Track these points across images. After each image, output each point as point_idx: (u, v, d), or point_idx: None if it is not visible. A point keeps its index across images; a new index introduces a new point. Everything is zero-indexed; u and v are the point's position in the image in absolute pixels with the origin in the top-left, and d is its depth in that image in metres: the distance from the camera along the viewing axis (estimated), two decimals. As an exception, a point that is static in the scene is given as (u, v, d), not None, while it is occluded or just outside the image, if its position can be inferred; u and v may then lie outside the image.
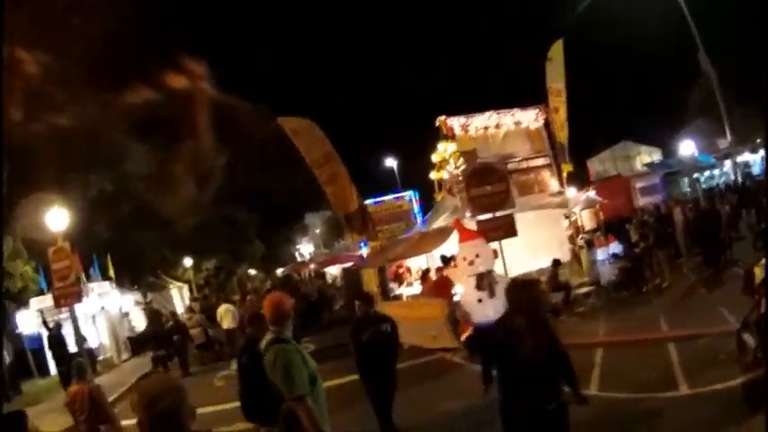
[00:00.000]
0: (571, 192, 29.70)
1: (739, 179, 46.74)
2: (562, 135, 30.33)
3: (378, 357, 12.91)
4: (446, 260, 25.46)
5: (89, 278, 40.71)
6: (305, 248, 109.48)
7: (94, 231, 50.56)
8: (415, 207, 46.87)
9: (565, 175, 30.69)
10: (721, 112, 43.44)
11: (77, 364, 14.18)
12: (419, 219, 44.83)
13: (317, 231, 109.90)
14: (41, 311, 31.12)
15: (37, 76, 42.60)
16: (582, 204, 30.93)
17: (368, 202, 42.92)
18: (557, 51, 30.63)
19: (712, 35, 44.81)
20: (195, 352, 32.37)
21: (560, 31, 31.24)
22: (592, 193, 32.49)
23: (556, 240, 29.33)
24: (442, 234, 26.17)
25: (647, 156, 68.06)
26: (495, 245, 22.58)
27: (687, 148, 58.29)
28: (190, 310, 37.58)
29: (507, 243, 23.69)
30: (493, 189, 23.94)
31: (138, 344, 38.89)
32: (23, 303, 36.12)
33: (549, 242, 28.75)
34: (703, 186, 52.61)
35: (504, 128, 29.98)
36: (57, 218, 24.45)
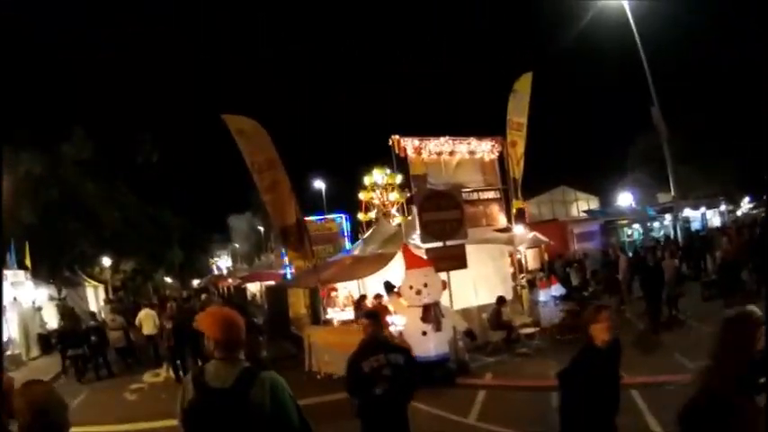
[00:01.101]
0: (518, 229, 28.62)
1: (679, 233, 47.14)
2: (517, 170, 29.54)
3: (381, 397, 9.69)
4: (391, 287, 23.85)
5: (3, 264, 38.77)
6: (222, 262, 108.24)
7: (16, 215, 48.11)
8: (345, 230, 45.55)
9: (514, 211, 29.70)
10: (667, 166, 43.86)
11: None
12: (347, 242, 43.63)
13: (237, 246, 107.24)
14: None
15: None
16: (527, 243, 29.96)
17: None
18: (524, 85, 29.80)
19: (666, 90, 44.88)
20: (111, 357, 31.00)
21: (523, 64, 30.20)
22: (537, 234, 31.53)
23: (499, 277, 28.37)
24: (381, 259, 24.82)
25: (584, 203, 68.21)
26: (443, 275, 21.67)
27: (625, 199, 59.00)
28: (111, 311, 36.26)
29: (451, 275, 22.51)
30: (447, 216, 23.04)
31: (48, 341, 37.18)
32: None
33: (491, 278, 27.78)
34: (642, 238, 54.38)
35: (458, 155, 28.64)
36: None
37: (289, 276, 39.76)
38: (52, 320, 40.79)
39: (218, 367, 5.81)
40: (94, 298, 58.45)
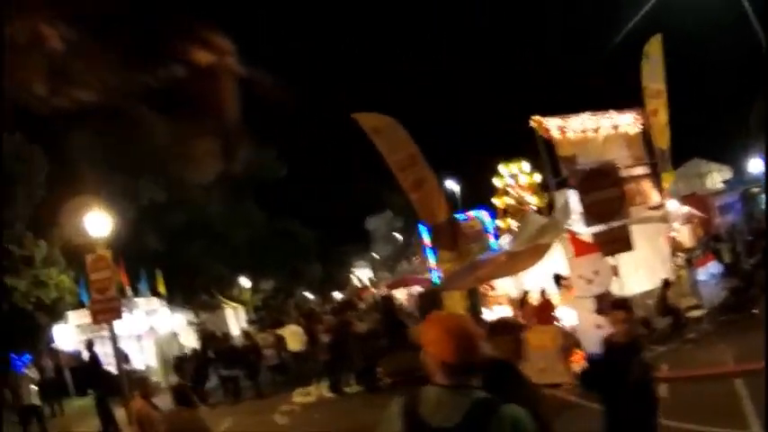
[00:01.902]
0: (672, 204, 26.39)
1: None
2: (663, 140, 27.40)
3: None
4: (559, 279, 21.92)
5: (136, 293, 38.27)
6: (362, 273, 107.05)
7: (144, 243, 48.40)
8: (490, 227, 43.39)
9: (667, 185, 27.52)
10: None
11: (139, 380, 13.58)
12: (493, 239, 41.42)
13: (376, 256, 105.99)
14: (90, 342, 27.73)
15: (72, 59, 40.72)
16: (681, 219, 27.66)
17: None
18: (655, 48, 27.54)
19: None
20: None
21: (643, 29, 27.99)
22: (692, 208, 29.24)
23: (658, 258, 26.09)
24: (538, 251, 22.63)
25: (717, 174, 65.13)
26: (610, 261, 19.88)
27: (756, 165, 55.58)
28: (244, 334, 36.41)
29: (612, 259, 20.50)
30: (607, 195, 20.82)
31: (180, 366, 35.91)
32: (58, 316, 33.84)
33: (650, 260, 25.53)
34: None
35: (603, 132, 26.84)
36: (97, 222, 21.06)
37: (437, 280, 37.99)
38: (193, 345, 39.86)
39: (441, 397, 4.10)
40: (235, 319, 57.79)
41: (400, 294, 53.51)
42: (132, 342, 32.91)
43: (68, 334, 33.21)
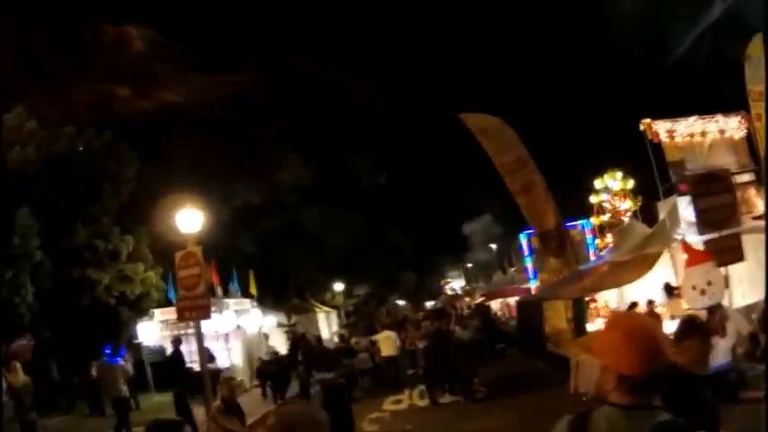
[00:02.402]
0: None
1: None
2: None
3: None
4: (671, 289, 20.68)
5: (227, 293, 38.06)
6: (455, 283, 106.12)
7: (237, 245, 48.49)
8: (588, 237, 42.01)
9: (772, 194, 26.07)
10: None
11: (222, 380, 13.92)
12: (591, 250, 40.07)
13: (470, 266, 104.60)
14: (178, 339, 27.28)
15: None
16: None
17: (527, 231, 39.71)
18: (757, 48, 25.01)
19: None
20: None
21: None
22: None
23: (760, 270, 24.62)
24: (646, 261, 21.42)
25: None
26: (722, 271, 18.44)
27: None
28: (340, 337, 35.65)
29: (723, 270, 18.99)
30: (720, 201, 19.82)
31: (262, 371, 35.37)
32: (142, 312, 33.54)
33: (753, 272, 24.02)
34: None
35: (710, 136, 25.43)
36: (189, 219, 20.23)
37: (533, 291, 36.90)
38: (281, 347, 39.39)
39: (615, 419, 3.37)
40: (326, 324, 57.62)
41: (494, 304, 53.13)
42: (219, 341, 32.57)
43: (153, 330, 32.92)
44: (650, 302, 21.51)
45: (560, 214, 24.30)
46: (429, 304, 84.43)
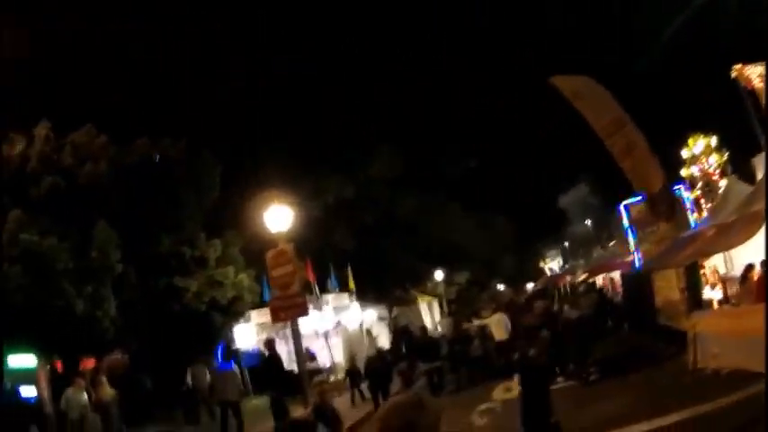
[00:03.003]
0: None
1: None
2: None
3: None
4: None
5: (325, 290, 37.66)
6: (554, 263, 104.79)
7: (332, 241, 47.92)
8: (687, 204, 40.58)
9: None
10: None
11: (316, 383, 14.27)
12: (690, 217, 38.71)
13: (567, 245, 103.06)
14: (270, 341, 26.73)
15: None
16: None
17: (631, 201, 38.53)
18: None
19: None
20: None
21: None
22: None
23: None
24: (753, 220, 20.11)
25: None
26: None
27: None
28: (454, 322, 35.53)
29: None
30: None
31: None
32: (235, 315, 33.49)
33: None
34: None
35: None
36: (278, 216, 19.73)
37: (638, 263, 35.67)
38: (384, 341, 38.84)
39: None
40: (429, 313, 56.89)
41: (598, 280, 52.33)
42: (319, 339, 32.19)
43: (249, 333, 32.57)
44: (764, 262, 19.98)
45: (666, 176, 22.99)
46: (530, 286, 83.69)
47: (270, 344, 24.34)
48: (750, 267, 21.10)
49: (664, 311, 26.40)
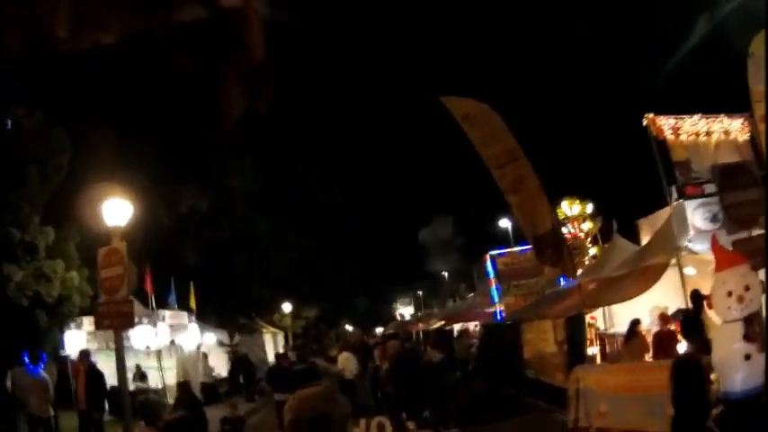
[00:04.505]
0: None
1: None
2: None
3: None
4: (700, 298, 17.45)
5: (163, 305, 34.74)
6: (405, 310, 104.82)
7: (179, 254, 45.22)
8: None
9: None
10: None
11: (143, 404, 13.97)
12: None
13: (420, 293, 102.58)
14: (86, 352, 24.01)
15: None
16: None
17: (498, 252, 39.78)
18: (760, 45, 23.21)
19: None
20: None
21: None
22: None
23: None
24: (649, 274, 19.07)
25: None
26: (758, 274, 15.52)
27: None
28: (284, 356, 31.74)
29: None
30: (748, 197, 17.65)
31: (214, 391, 32.79)
32: (62, 318, 29.66)
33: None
34: None
35: (715, 136, 23.65)
36: (116, 210, 17.28)
37: (499, 316, 35.40)
38: (221, 368, 36.74)
39: None
40: (272, 345, 55.22)
41: (455, 329, 51.29)
42: (151, 358, 29.51)
43: (81, 340, 29.57)
44: (664, 316, 18.67)
45: (556, 217, 21.38)
46: (379, 330, 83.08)
47: (84, 355, 22.29)
48: (637, 322, 19.53)
49: (533, 364, 25.28)
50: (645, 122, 22.01)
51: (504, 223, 56.87)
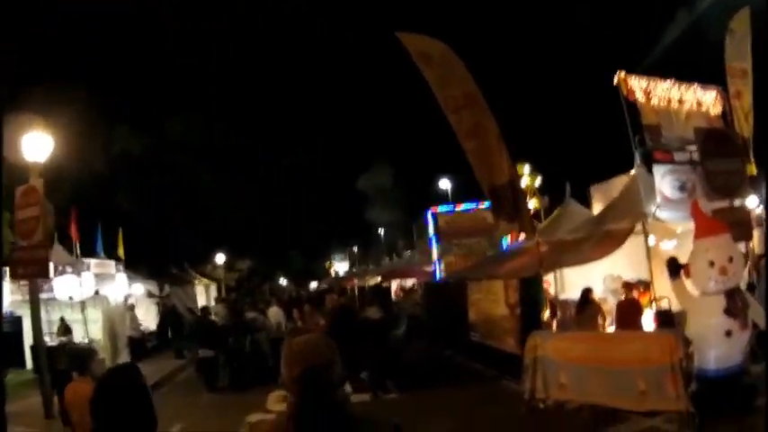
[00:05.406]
0: (752, 201, 21.51)
1: None
2: (746, 127, 23.04)
3: None
4: (677, 267, 16.02)
5: (89, 253, 33.23)
6: (340, 266, 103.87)
7: (109, 200, 43.41)
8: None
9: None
10: None
11: (70, 352, 12.88)
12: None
13: (355, 249, 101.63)
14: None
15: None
16: (757, 221, 22.95)
17: (440, 209, 38.18)
18: (741, 23, 23.72)
19: None
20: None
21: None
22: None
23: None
24: (612, 239, 17.69)
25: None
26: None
27: None
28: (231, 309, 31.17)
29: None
30: (731, 166, 17.39)
31: (141, 345, 31.38)
32: None
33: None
34: None
35: (687, 105, 21.84)
36: (35, 144, 16.43)
37: (438, 275, 34.52)
38: (150, 321, 35.89)
39: None
40: (205, 297, 53.76)
41: (392, 287, 50.69)
42: (75, 311, 28.06)
43: (4, 292, 27.92)
44: (627, 285, 17.73)
45: (514, 167, 20.10)
46: (313, 285, 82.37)
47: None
48: (589, 290, 18.62)
49: (479, 327, 23.95)
50: (616, 81, 20.84)
51: (445, 184, 56.04)
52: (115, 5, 45.08)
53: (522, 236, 24.12)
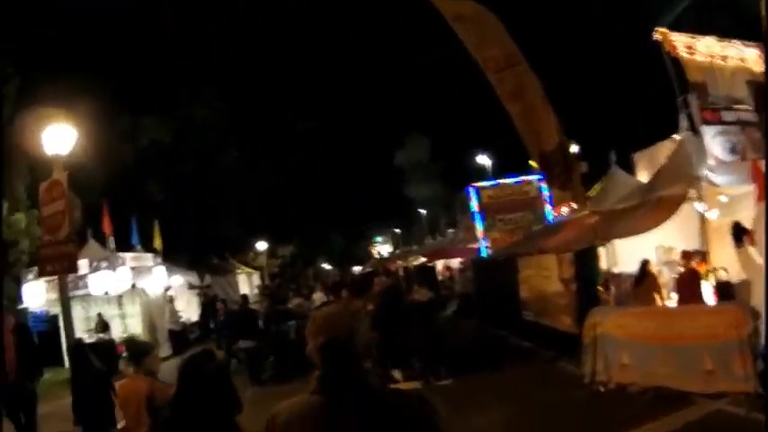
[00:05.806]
0: None
1: None
2: None
3: None
4: (741, 232, 14.99)
5: (125, 247, 33.18)
6: (383, 248, 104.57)
7: (142, 191, 43.10)
8: (546, 193, 37.49)
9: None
10: None
11: (129, 345, 13.77)
12: (548, 207, 35.77)
13: (398, 231, 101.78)
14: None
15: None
16: None
17: (483, 184, 35.71)
18: None
19: None
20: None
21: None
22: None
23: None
24: (665, 206, 16.76)
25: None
26: None
27: None
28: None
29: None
30: None
31: (183, 338, 31.04)
32: (8, 265, 27.44)
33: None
34: None
35: (731, 62, 20.78)
36: (57, 137, 15.36)
37: (483, 252, 32.84)
38: (192, 313, 35.58)
39: None
40: (249, 286, 53.26)
41: (438, 267, 49.45)
42: (112, 305, 27.87)
43: (40, 292, 27.62)
44: (687, 254, 16.40)
45: (563, 133, 19.15)
46: (357, 269, 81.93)
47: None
48: (647, 262, 17.38)
49: (531, 305, 22.51)
50: (656, 36, 19.64)
51: (484, 160, 55.06)
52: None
53: (566, 209, 23.26)
